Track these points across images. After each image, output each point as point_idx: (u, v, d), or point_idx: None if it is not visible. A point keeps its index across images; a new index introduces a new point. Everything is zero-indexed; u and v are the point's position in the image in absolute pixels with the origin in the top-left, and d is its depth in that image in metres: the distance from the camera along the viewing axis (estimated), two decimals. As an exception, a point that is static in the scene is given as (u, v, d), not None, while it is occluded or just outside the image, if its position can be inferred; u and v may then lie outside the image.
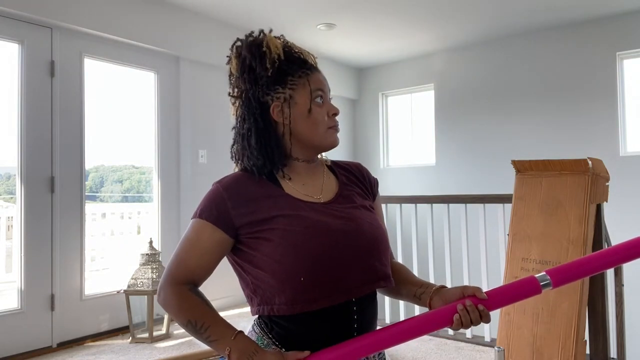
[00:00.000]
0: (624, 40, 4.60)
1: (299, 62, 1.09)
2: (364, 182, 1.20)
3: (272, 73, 1.06)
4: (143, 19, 3.97)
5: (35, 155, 3.39)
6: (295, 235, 0.98)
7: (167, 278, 1.03)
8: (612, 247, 1.02)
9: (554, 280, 0.97)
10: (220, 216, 1.01)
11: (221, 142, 4.66)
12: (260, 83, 1.07)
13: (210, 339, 0.96)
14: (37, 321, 3.34)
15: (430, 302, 1.03)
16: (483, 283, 3.42)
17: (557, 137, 4.93)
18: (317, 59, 1.16)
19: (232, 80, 1.14)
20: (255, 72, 1.07)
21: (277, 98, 1.06)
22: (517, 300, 1.00)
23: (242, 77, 1.09)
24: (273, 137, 1.07)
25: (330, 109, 1.10)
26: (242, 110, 1.11)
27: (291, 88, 1.06)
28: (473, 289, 0.98)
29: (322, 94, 1.09)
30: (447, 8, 4.39)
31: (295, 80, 1.07)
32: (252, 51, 1.08)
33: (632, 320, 4.01)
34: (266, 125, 1.07)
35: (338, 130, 1.12)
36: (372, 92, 6.33)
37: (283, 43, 1.10)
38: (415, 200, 3.75)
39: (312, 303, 0.97)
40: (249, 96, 1.08)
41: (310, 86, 1.07)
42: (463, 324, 0.95)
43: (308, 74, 1.08)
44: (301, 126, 1.07)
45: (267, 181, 1.07)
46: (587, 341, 2.35)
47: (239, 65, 1.10)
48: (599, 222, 2.42)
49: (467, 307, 0.95)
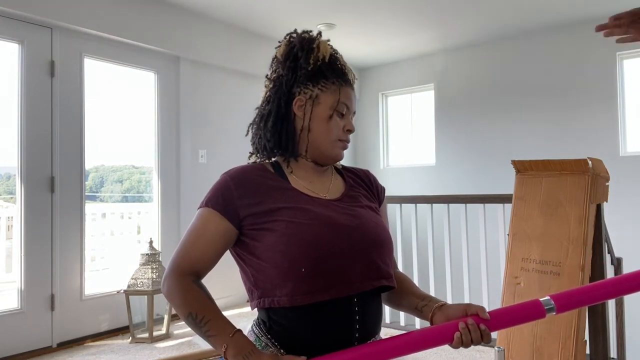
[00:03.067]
0: (624, 40, 4.59)
1: (338, 72, 1.13)
2: (371, 187, 1.22)
3: (311, 70, 1.09)
4: (143, 19, 3.97)
5: (35, 155, 3.39)
6: (298, 226, 0.99)
7: (172, 268, 1.04)
8: (617, 277, 1.02)
9: (557, 305, 0.98)
10: (227, 205, 1.02)
11: (221, 142, 4.66)
12: (298, 74, 1.10)
13: (208, 334, 0.97)
14: (37, 321, 3.34)
15: (432, 318, 1.03)
16: (483, 283, 3.42)
17: (557, 137, 4.93)
18: (357, 79, 1.21)
19: (274, 63, 1.16)
20: (297, 61, 1.11)
21: (305, 93, 1.10)
22: (521, 323, 1.00)
23: (285, 62, 1.13)
24: (290, 127, 1.10)
25: (347, 124, 1.13)
26: (270, 93, 1.14)
27: (320, 89, 1.10)
28: (476, 308, 0.99)
29: (347, 109, 1.12)
30: (447, 8, 4.39)
31: (328, 84, 1.10)
32: (303, 43, 1.11)
33: (632, 320, 4.00)
34: (287, 113, 1.10)
35: (346, 147, 1.14)
36: (372, 92, 6.33)
37: (332, 51, 1.14)
38: (415, 200, 3.75)
39: (313, 295, 0.97)
40: (283, 82, 1.12)
41: (340, 96, 1.10)
42: (463, 343, 0.96)
43: (342, 85, 1.12)
44: (315, 128, 1.09)
45: (274, 174, 1.09)
46: (587, 341, 2.35)
47: (285, 51, 1.13)
48: (599, 222, 2.42)
49: (469, 327, 0.96)
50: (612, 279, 1.03)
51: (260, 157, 1.14)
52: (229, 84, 4.75)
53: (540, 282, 2.41)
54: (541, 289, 2.37)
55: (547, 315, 0.99)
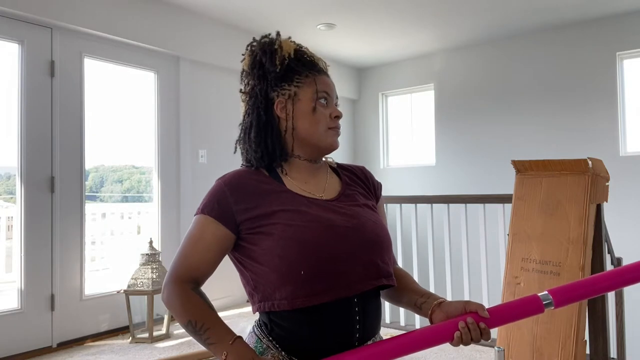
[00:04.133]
0: (624, 40, 4.60)
1: (308, 64, 1.12)
2: (368, 184, 1.21)
3: (281, 70, 1.09)
4: (143, 19, 3.97)
5: (35, 155, 3.39)
6: (296, 228, 0.99)
7: (171, 276, 1.03)
8: (615, 269, 1.02)
9: (555, 300, 0.98)
10: (223, 212, 1.02)
11: (221, 142, 4.66)
12: (269, 79, 1.10)
13: (208, 341, 0.96)
14: (37, 321, 3.34)
15: (431, 315, 1.03)
16: (483, 283, 3.42)
17: (557, 137, 4.93)
18: (329, 66, 1.20)
19: (244, 76, 1.16)
20: (264, 67, 1.10)
21: (282, 94, 1.09)
22: (520, 319, 1.00)
23: (252, 72, 1.13)
24: (274, 132, 1.10)
25: (333, 111, 1.12)
26: (248, 105, 1.14)
27: (297, 86, 1.09)
28: (476, 306, 0.98)
29: (327, 96, 1.11)
30: (447, 8, 4.39)
31: (302, 79, 1.10)
32: (264, 48, 1.12)
33: (632, 320, 4.01)
34: (268, 119, 1.10)
35: (339, 133, 1.14)
36: (372, 92, 6.33)
37: (296, 46, 1.13)
38: (415, 200, 3.75)
39: (313, 297, 0.97)
40: (256, 91, 1.11)
41: (317, 86, 1.10)
42: (463, 341, 0.96)
43: (315, 75, 1.11)
44: (302, 123, 1.09)
45: (269, 177, 1.09)
46: (587, 341, 2.35)
47: (250, 61, 1.13)
48: (599, 222, 2.42)
49: (469, 326, 0.96)
50: (609, 271, 1.03)
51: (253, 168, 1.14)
52: (229, 84, 4.74)
53: (540, 282, 2.41)
54: (541, 289, 2.37)
55: (545, 310, 0.99)
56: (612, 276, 1.01)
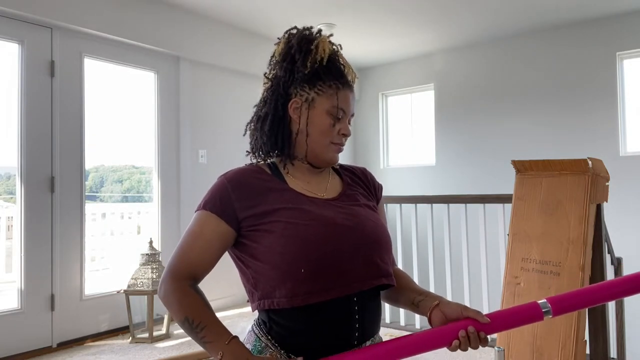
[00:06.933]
0: (624, 40, 4.60)
1: (337, 73, 1.10)
2: (369, 185, 1.21)
3: (308, 72, 1.07)
4: (143, 19, 3.97)
5: (35, 155, 3.39)
6: (297, 227, 0.99)
7: (169, 271, 1.03)
8: (615, 279, 1.03)
9: (554, 309, 0.99)
10: (225, 208, 1.02)
11: (221, 142, 4.66)
12: (295, 76, 1.09)
13: (204, 340, 0.96)
14: (37, 321, 3.34)
15: (430, 315, 1.03)
16: (483, 283, 3.42)
17: (557, 137, 4.93)
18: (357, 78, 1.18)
19: (272, 62, 1.14)
20: (295, 64, 1.08)
21: (301, 95, 1.08)
22: (519, 326, 1.01)
23: (282, 63, 1.11)
24: (286, 130, 1.10)
25: (343, 127, 1.11)
26: (268, 94, 1.12)
27: (317, 92, 1.08)
28: (474, 313, 0.98)
29: (343, 113, 1.10)
30: (448, 8, 4.39)
31: (325, 88, 1.08)
32: (301, 44, 1.09)
33: (632, 320, 4.01)
34: (283, 115, 1.09)
35: (341, 150, 1.13)
36: (372, 92, 6.33)
37: (332, 51, 1.11)
38: (415, 200, 3.75)
39: (312, 295, 0.96)
40: (280, 83, 1.10)
41: (337, 101, 1.08)
42: (461, 349, 0.96)
43: (339, 88, 1.09)
44: (310, 131, 1.08)
45: (271, 175, 1.09)
46: (587, 341, 2.35)
47: (284, 51, 1.11)
48: (599, 222, 2.42)
49: (469, 335, 0.96)
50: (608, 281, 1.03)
51: (258, 157, 1.14)
52: (229, 84, 4.74)
53: (540, 282, 2.41)
54: (541, 289, 2.38)
55: (544, 318, 0.99)
56: (611, 286, 1.01)
